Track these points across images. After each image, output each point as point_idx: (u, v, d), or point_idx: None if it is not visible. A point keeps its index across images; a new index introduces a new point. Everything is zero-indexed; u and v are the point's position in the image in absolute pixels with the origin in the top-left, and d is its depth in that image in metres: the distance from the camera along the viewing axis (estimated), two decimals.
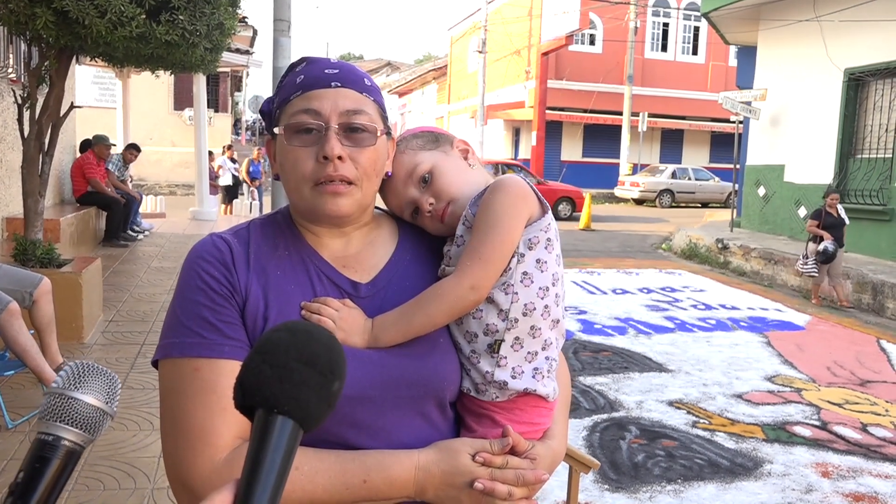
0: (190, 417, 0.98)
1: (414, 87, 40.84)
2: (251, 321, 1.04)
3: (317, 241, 1.14)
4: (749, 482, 3.49)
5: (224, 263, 1.07)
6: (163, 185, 20.49)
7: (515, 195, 1.12)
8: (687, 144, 29.15)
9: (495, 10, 27.24)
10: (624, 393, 4.73)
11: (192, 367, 1.00)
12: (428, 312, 1.07)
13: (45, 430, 0.68)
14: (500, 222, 1.09)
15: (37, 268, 4.81)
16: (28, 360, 3.67)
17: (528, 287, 1.10)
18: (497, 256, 1.08)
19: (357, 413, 1.02)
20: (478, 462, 1.02)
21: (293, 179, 1.09)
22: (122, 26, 4.62)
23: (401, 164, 1.21)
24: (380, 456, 1.01)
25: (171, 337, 1.03)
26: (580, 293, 8.15)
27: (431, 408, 1.10)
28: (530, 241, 1.12)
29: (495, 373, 1.10)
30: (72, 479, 2.99)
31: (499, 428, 1.09)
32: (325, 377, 0.61)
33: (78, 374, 0.71)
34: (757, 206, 12.07)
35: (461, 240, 1.14)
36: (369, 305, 1.10)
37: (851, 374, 5.40)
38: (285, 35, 6.77)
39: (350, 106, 1.08)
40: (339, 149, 1.05)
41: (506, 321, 1.10)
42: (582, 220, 15.45)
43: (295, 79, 1.11)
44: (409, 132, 1.27)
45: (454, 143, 1.26)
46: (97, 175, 9.03)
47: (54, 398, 0.69)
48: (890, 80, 9.43)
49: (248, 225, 1.16)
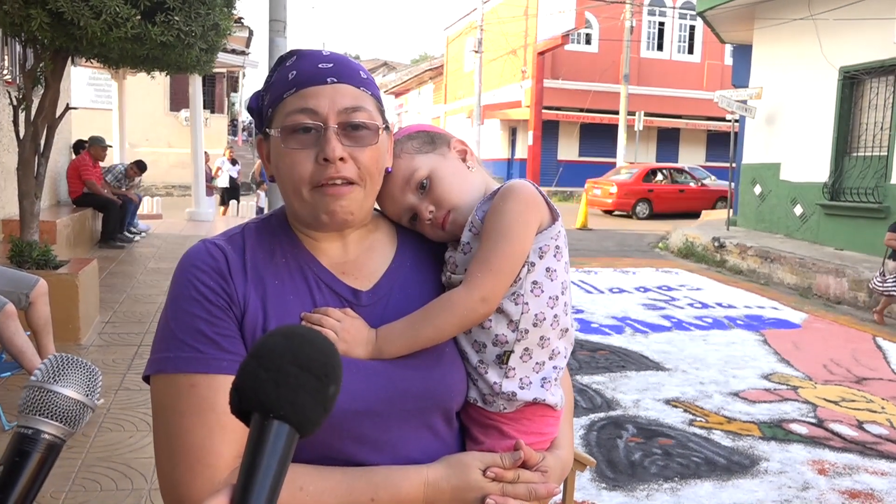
0: (187, 437, 0.93)
1: (410, 87, 40.81)
2: (250, 333, 0.99)
3: (314, 247, 1.09)
4: (746, 480, 3.50)
5: (220, 272, 1.00)
6: (159, 187, 20.46)
7: (526, 202, 1.07)
8: (683, 143, 29.17)
9: (491, 10, 27.23)
10: (621, 392, 4.74)
11: (189, 383, 0.94)
12: (436, 325, 1.03)
13: (24, 423, 0.68)
14: (511, 231, 1.04)
15: (33, 269, 4.81)
16: (24, 362, 3.66)
17: (538, 297, 1.07)
18: (508, 267, 1.04)
19: (362, 428, 0.98)
20: (489, 477, 0.99)
21: (291, 183, 1.02)
22: (117, 27, 4.62)
23: (397, 168, 1.14)
24: (387, 472, 0.97)
25: (165, 351, 0.97)
26: (577, 292, 8.16)
27: (438, 420, 1.06)
28: (541, 249, 1.08)
29: (503, 384, 1.07)
30: (69, 480, 3.00)
31: (506, 439, 1.06)
32: (320, 381, 0.61)
33: (57, 367, 0.71)
34: (753, 204, 12.09)
35: (468, 247, 1.10)
36: (371, 314, 1.05)
37: (847, 371, 5.42)
38: (281, 35, 6.77)
39: (349, 103, 1.02)
40: (340, 150, 0.99)
41: (516, 332, 1.06)
42: (579, 219, 15.46)
43: (287, 74, 1.04)
44: (404, 132, 1.21)
45: (451, 144, 1.19)
46: (93, 176, 9.01)
47: (33, 391, 0.69)
48: (885, 78, 9.46)
49: (241, 230, 1.09)
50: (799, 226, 10.89)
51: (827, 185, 10.15)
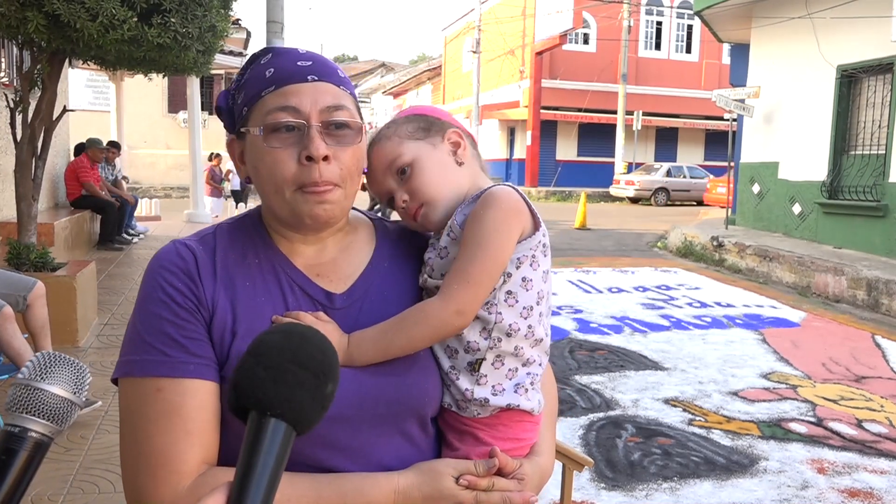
0: (152, 441, 0.91)
1: (408, 88, 40.84)
2: (218, 336, 0.97)
3: (289, 248, 1.06)
4: (745, 479, 3.50)
5: (188, 274, 0.98)
6: (157, 188, 20.44)
7: (507, 211, 1.04)
8: (681, 143, 29.21)
9: (489, 10, 27.27)
10: (620, 391, 4.74)
11: (155, 387, 0.92)
12: (410, 335, 1.00)
13: (11, 421, 0.67)
14: (491, 241, 1.02)
15: (31, 272, 4.80)
16: (22, 364, 3.65)
17: (511, 307, 1.05)
18: (486, 279, 1.02)
19: (333, 433, 0.96)
20: (462, 485, 0.96)
21: (272, 183, 1.00)
22: (113, 29, 4.61)
23: (383, 150, 1.11)
24: (357, 480, 0.95)
25: (132, 354, 0.95)
26: (576, 292, 8.16)
27: (412, 425, 1.04)
28: (518, 259, 1.05)
29: (475, 390, 1.04)
30: (67, 483, 2.99)
31: (482, 446, 1.04)
32: (318, 379, 0.61)
33: (44, 365, 0.70)
34: (751, 203, 12.10)
35: (445, 251, 1.08)
36: (345, 317, 1.03)
37: (846, 370, 5.41)
38: (279, 37, 6.78)
39: (330, 101, 1.00)
40: (325, 148, 0.97)
41: (488, 339, 1.04)
42: (577, 218, 15.48)
43: (263, 72, 1.01)
44: (404, 113, 1.18)
45: (446, 135, 1.15)
46: (91, 178, 9.01)
47: (20, 389, 0.68)
48: (882, 76, 9.46)
49: (214, 230, 1.07)
50: (797, 224, 10.90)
51: (825, 183, 10.15)
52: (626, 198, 23.68)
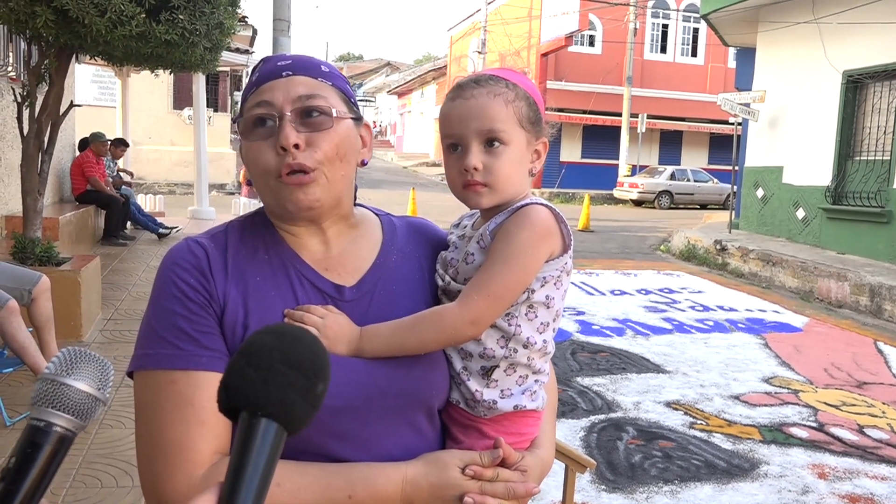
0: (166, 432, 0.94)
1: (413, 88, 40.85)
2: (230, 330, 1.00)
3: (296, 243, 1.09)
4: (746, 483, 3.50)
5: (200, 270, 1.02)
6: (162, 184, 20.47)
7: (539, 234, 1.05)
8: (686, 146, 29.17)
9: (495, 11, 27.26)
10: (621, 394, 4.74)
11: (168, 379, 0.96)
12: (422, 338, 1.03)
13: (36, 415, 0.68)
14: (518, 261, 1.03)
15: (35, 266, 4.82)
16: (26, 358, 3.67)
17: (531, 321, 1.07)
18: (506, 295, 1.04)
19: (341, 424, 0.99)
20: (468, 475, 0.99)
21: (257, 176, 1.04)
22: (121, 25, 4.63)
23: (494, 107, 1.07)
24: (366, 469, 0.98)
25: (146, 348, 0.99)
26: (578, 294, 8.16)
27: (420, 417, 1.07)
28: (545, 278, 1.06)
29: (484, 392, 1.07)
30: (70, 477, 3.00)
31: (486, 439, 1.07)
32: (309, 379, 0.61)
33: (70, 361, 0.71)
34: (755, 207, 12.08)
35: (472, 258, 1.08)
36: (355, 309, 1.06)
37: (848, 375, 5.41)
38: (285, 35, 6.79)
39: (303, 91, 1.02)
40: (295, 136, 0.99)
41: (505, 349, 1.06)
42: (581, 220, 15.47)
43: (252, 78, 1.08)
44: (525, 84, 1.12)
45: (540, 139, 1.14)
46: (97, 174, 9.03)
47: (46, 384, 0.69)
48: (888, 82, 9.45)
49: (226, 227, 1.11)
50: (801, 229, 10.88)
51: (829, 188, 10.14)
52: (629, 200, 23.65)
